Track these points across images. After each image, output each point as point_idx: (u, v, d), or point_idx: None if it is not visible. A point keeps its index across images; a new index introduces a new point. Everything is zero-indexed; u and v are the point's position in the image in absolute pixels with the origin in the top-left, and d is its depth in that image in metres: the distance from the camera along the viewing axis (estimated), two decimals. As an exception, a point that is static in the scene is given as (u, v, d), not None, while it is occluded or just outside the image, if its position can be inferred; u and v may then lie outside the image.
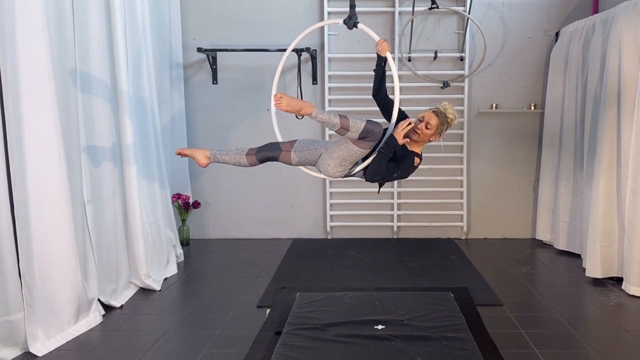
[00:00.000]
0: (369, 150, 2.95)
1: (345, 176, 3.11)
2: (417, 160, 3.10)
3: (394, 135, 2.96)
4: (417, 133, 3.04)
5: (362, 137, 2.82)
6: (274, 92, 3.28)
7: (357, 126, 2.80)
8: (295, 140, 3.17)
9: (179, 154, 3.28)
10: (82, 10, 3.64)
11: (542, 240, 5.51)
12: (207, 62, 5.58)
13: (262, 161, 3.18)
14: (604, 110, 4.24)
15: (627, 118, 4.05)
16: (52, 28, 3.25)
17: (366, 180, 3.09)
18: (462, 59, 5.53)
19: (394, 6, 5.47)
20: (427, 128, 3.02)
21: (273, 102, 2.91)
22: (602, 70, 4.39)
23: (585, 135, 4.64)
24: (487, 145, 5.68)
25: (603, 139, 4.25)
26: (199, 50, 5.38)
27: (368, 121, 2.82)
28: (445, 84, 5.46)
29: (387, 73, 3.16)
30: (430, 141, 3.11)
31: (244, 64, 5.58)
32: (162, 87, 5.01)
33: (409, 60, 5.54)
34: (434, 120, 3.02)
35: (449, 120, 3.04)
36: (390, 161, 3.02)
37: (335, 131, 2.86)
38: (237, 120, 5.66)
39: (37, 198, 3.13)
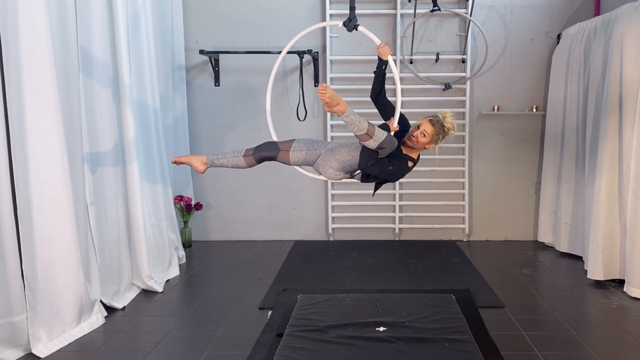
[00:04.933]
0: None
1: (342, 179, 3.12)
2: (409, 163, 3.07)
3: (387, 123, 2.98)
4: (411, 140, 3.03)
5: (380, 147, 2.83)
6: (269, 93, 3.32)
7: (380, 136, 2.79)
8: (294, 140, 3.14)
9: (175, 162, 3.20)
10: (85, 12, 3.66)
11: (543, 242, 5.51)
12: (210, 64, 5.60)
13: (259, 161, 3.16)
14: (605, 112, 4.25)
15: (629, 120, 4.05)
16: (55, 30, 3.26)
17: (360, 168, 3.00)
18: (463, 61, 5.54)
19: (395, 8, 5.49)
20: (423, 136, 3.00)
21: (318, 90, 2.79)
22: (603, 72, 4.39)
23: (587, 137, 4.64)
24: (489, 147, 5.68)
25: (605, 141, 4.25)
26: (201, 52, 5.40)
27: (388, 134, 2.85)
28: (447, 86, 5.46)
29: (388, 75, 3.17)
30: (425, 148, 3.08)
31: (246, 66, 5.59)
32: (165, 89, 5.02)
33: (411, 62, 5.55)
34: (429, 129, 2.99)
35: (445, 129, 3.00)
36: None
37: (358, 135, 2.81)
38: (239, 122, 5.68)
39: (40, 200, 3.14)
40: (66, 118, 3.34)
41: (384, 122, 3.11)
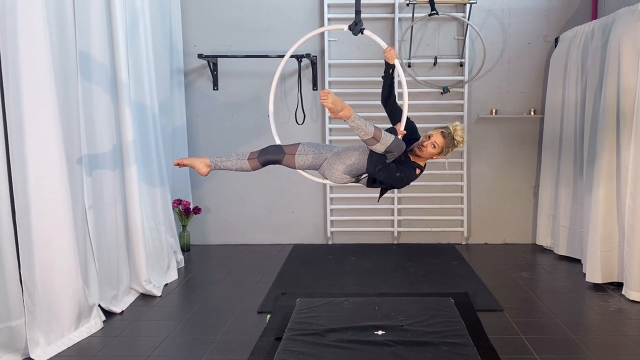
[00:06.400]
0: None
1: (347, 182, 3.12)
2: (417, 170, 3.08)
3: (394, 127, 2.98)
4: (421, 149, 3.04)
5: (388, 151, 2.82)
6: (271, 97, 3.32)
7: (387, 140, 2.78)
8: (299, 144, 3.15)
9: (178, 164, 3.20)
10: (83, 15, 3.66)
11: (542, 246, 5.51)
12: (208, 68, 5.60)
13: (264, 165, 3.15)
14: (603, 115, 4.25)
15: (627, 123, 4.06)
16: (53, 33, 3.27)
17: (368, 172, 3.00)
18: (461, 64, 5.55)
19: (393, 12, 5.50)
20: (433, 147, 3.01)
21: (320, 97, 2.78)
22: (601, 75, 4.40)
23: (585, 140, 4.65)
24: (487, 150, 5.69)
25: (603, 144, 4.26)
26: (200, 56, 5.41)
27: (396, 137, 2.84)
28: (445, 90, 5.48)
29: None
30: (432, 158, 3.09)
31: (245, 69, 5.60)
32: (163, 93, 5.01)
33: (409, 66, 5.56)
34: (440, 141, 3.00)
35: (455, 142, 3.02)
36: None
37: (364, 139, 2.80)
38: (238, 126, 5.68)
39: (38, 204, 3.14)
40: (64, 121, 3.34)
41: (391, 126, 3.11)
